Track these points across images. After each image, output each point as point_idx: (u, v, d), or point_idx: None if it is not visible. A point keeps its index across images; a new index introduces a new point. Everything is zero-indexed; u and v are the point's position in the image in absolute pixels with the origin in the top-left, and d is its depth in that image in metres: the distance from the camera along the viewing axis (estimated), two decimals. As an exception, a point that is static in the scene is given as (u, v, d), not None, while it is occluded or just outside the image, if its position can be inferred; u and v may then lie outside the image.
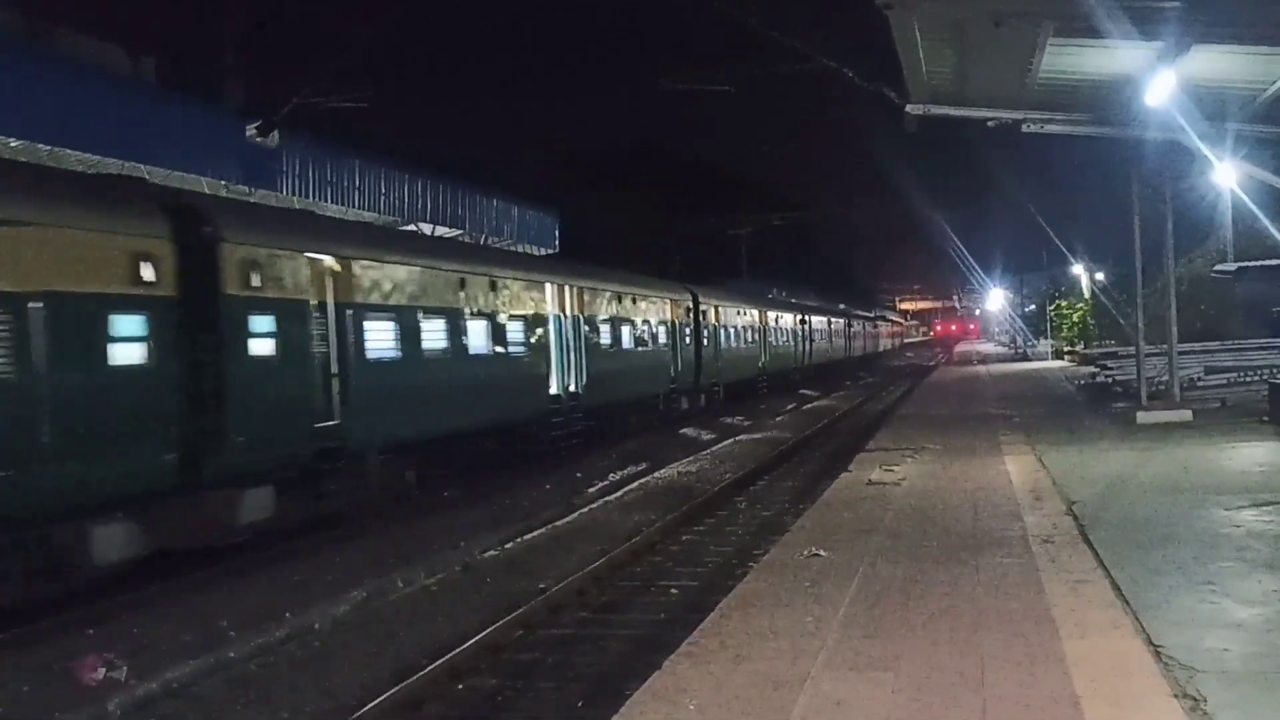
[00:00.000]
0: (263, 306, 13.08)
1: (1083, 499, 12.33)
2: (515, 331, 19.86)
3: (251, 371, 12.90)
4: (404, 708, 8.66)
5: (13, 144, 16.19)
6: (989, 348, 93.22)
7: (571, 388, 22.22)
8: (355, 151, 25.02)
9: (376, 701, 8.51)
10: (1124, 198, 22.07)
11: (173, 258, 11.80)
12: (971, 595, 8.25)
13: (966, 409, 27.46)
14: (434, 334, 17.04)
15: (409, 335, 16.24)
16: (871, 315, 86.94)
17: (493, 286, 19.08)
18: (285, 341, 13.48)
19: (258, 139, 21.27)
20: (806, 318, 49.56)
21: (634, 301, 26.22)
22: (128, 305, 11.18)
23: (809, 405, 39.63)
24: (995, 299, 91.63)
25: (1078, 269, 51.04)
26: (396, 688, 8.82)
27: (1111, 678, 6.19)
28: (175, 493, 11.87)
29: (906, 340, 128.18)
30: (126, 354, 11.25)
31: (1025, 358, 60.25)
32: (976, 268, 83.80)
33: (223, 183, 20.44)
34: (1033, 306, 75.30)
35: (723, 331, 33.68)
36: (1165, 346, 21.63)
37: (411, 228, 27.21)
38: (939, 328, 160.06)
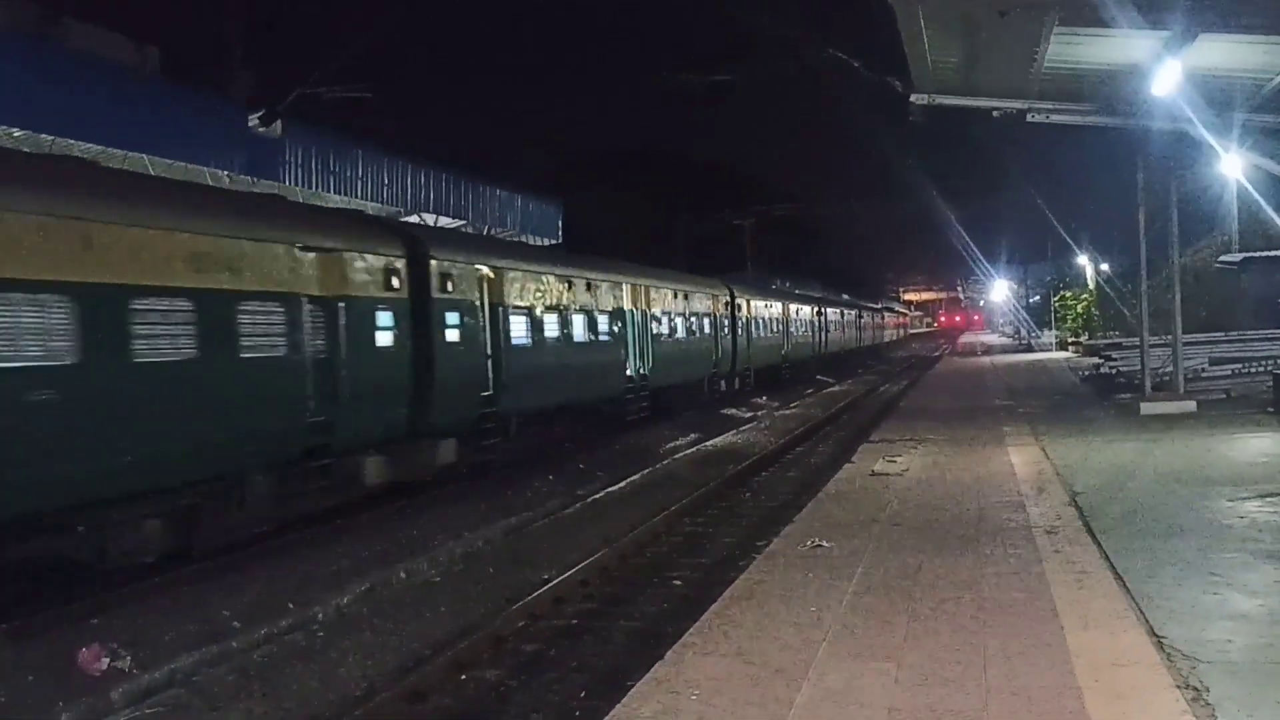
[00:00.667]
0: (453, 306, 16.88)
1: (1086, 490, 12.32)
2: (604, 324, 23.42)
3: (447, 354, 16.61)
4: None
5: (15, 134, 16.20)
6: (993, 338, 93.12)
7: (641, 371, 25.84)
8: (358, 142, 25.01)
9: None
10: (1129, 188, 21.99)
11: (405, 271, 15.61)
12: (974, 586, 8.24)
13: (970, 400, 27.44)
14: (552, 326, 20.74)
15: (536, 327, 20.01)
16: (879, 306, 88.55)
17: (588, 287, 22.71)
18: (464, 332, 17.14)
19: (261, 129, 21.27)
20: (822, 310, 52.23)
21: (686, 297, 29.63)
22: (386, 305, 15.12)
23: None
24: (999, 290, 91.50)
25: (1082, 259, 51.01)
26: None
27: (1114, 669, 6.19)
28: (403, 440, 15.66)
29: (911, 331, 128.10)
30: (384, 339, 15.02)
31: (1029, 348, 60.18)
32: (981, 258, 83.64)
33: (225, 174, 20.43)
34: (1037, 297, 75.19)
35: (753, 323, 36.79)
36: (1170, 337, 21.57)
37: (414, 218, 27.26)
38: (943, 318, 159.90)
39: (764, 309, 39.11)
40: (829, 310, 54.34)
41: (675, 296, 28.58)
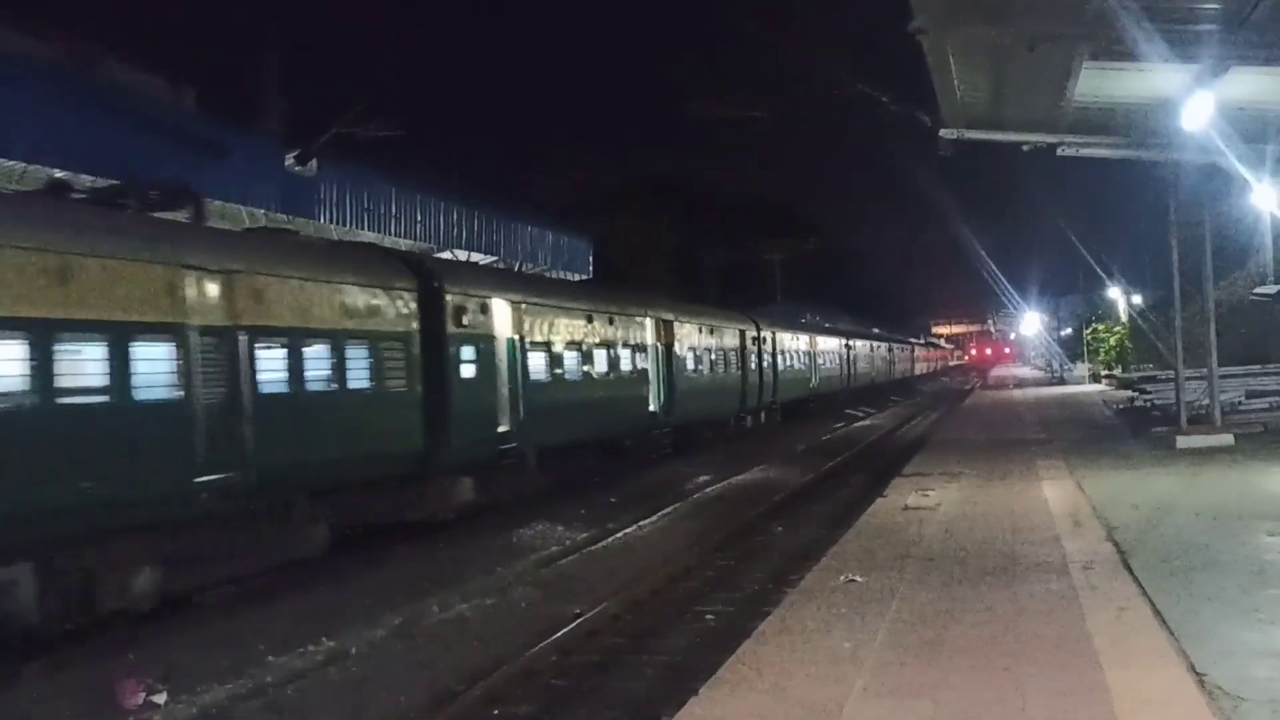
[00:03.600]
0: (468, 340, 16.69)
1: (1123, 525, 12.18)
2: (626, 358, 23.35)
3: (463, 389, 16.37)
4: None
5: (58, 174, 16.47)
6: (1025, 371, 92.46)
7: (665, 405, 25.50)
8: (391, 179, 25.28)
9: None
10: (1161, 219, 21.89)
11: (416, 303, 15.42)
12: (1011, 622, 8.16)
13: (1002, 433, 27.24)
14: (572, 360, 20.62)
15: (556, 362, 19.81)
16: (910, 340, 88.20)
17: (610, 320, 22.54)
18: (480, 366, 16.95)
19: (296, 168, 21.54)
20: (850, 343, 52.06)
21: (711, 331, 29.64)
22: (398, 339, 15.09)
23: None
24: (1031, 322, 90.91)
25: (1114, 292, 50.62)
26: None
27: (1155, 708, 6.12)
28: (411, 478, 15.36)
29: (941, 365, 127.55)
30: (396, 373, 14.97)
31: (1061, 381, 59.72)
32: (1011, 291, 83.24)
33: (262, 212, 20.68)
34: (1069, 330, 74.65)
35: (780, 356, 36.81)
36: (1205, 370, 21.37)
37: (447, 254, 27.49)
38: (974, 351, 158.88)
39: (791, 342, 39.28)
40: (857, 343, 54.17)
41: (700, 331, 28.50)
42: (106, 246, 10.65)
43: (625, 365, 23.21)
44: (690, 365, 27.39)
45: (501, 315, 17.78)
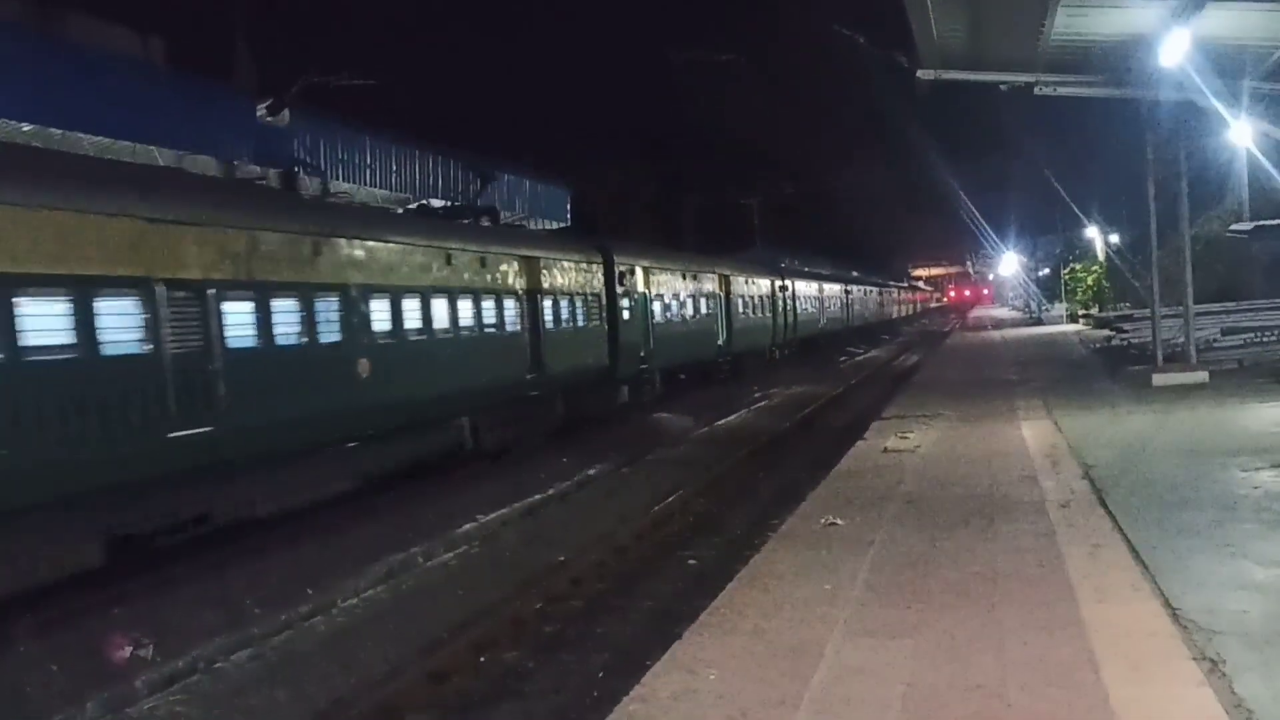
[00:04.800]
0: (625, 295, 24.79)
1: (1099, 463, 12.32)
2: (704, 305, 31.34)
3: (624, 329, 24.44)
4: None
5: (25, 129, 16.22)
6: (1003, 312, 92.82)
7: (727, 340, 33.37)
8: (366, 129, 24.99)
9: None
10: (1138, 159, 21.88)
11: (603, 272, 23.75)
12: (989, 561, 8.28)
13: (981, 374, 27.43)
14: (676, 308, 28.65)
15: (667, 309, 27.89)
16: (897, 285, 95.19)
17: (695, 277, 30.70)
18: (632, 313, 25.15)
19: (268, 118, 21.24)
20: (850, 288, 60.05)
21: (752, 284, 37.22)
22: (590, 298, 22.95)
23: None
24: (1009, 263, 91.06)
25: (1092, 232, 50.69)
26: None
27: (1130, 641, 6.23)
28: (602, 384, 23.58)
29: (921, 307, 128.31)
30: (591, 319, 22.99)
31: (1039, 322, 59.98)
32: (990, 232, 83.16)
33: (234, 163, 20.44)
34: (1046, 270, 74.83)
35: (798, 301, 44.39)
36: (1181, 308, 21.50)
37: (422, 203, 27.28)
38: (953, 293, 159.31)
39: (805, 289, 46.48)
40: (854, 288, 61.97)
41: (747, 283, 36.22)
42: (497, 248, 19.41)
43: (704, 310, 31.28)
44: (740, 309, 34.84)
45: (641, 277, 25.95)
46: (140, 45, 20.10)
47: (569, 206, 35.58)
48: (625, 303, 24.35)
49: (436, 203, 27.15)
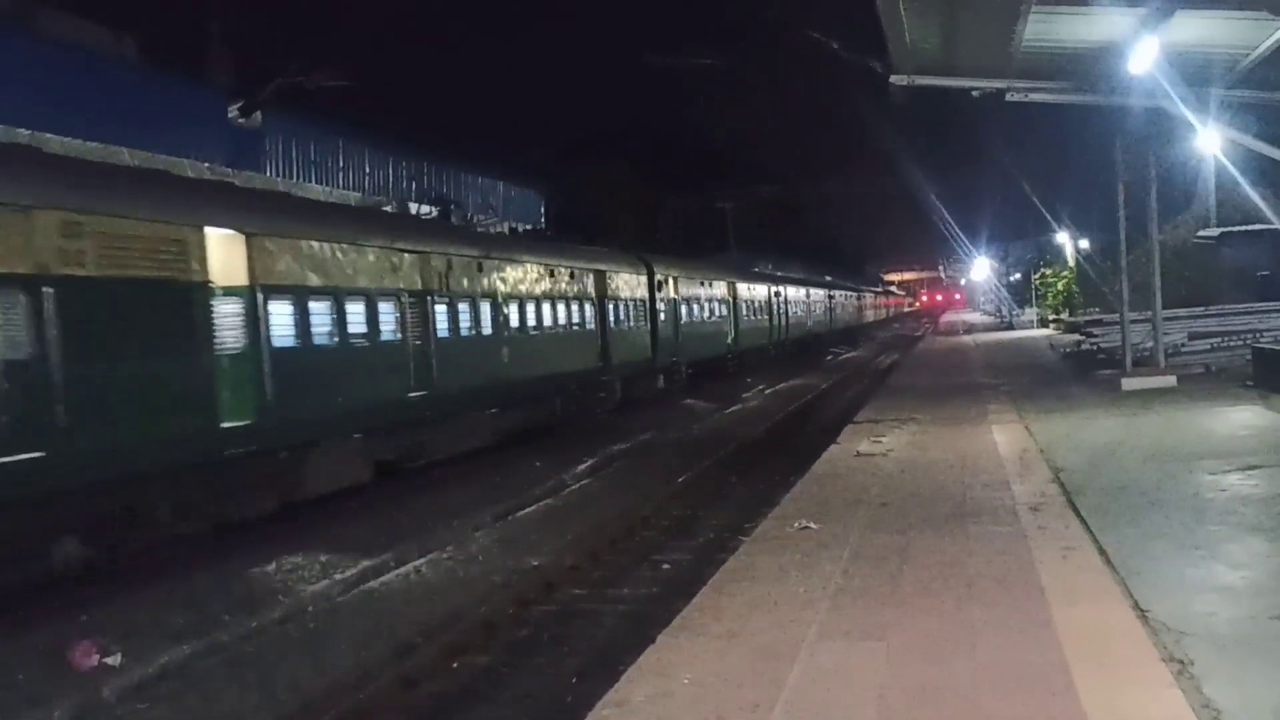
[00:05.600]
0: (666, 302, 30.00)
1: (1069, 466, 12.41)
2: (718, 308, 36.26)
3: (661, 328, 29.36)
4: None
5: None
6: (975, 317, 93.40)
7: (735, 340, 38.34)
8: (339, 131, 24.86)
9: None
10: (1108, 165, 22.09)
11: (647, 281, 28.62)
12: (961, 564, 8.32)
13: (953, 378, 27.58)
14: (698, 311, 33.71)
15: (691, 312, 32.78)
16: (873, 289, 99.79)
17: (710, 284, 35.31)
18: (667, 315, 30.11)
19: (240, 120, 21.11)
20: (832, 294, 64.72)
21: (754, 288, 42.35)
22: (638, 302, 28.06)
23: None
24: (980, 268, 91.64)
25: (1062, 237, 51.12)
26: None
27: (1101, 643, 6.26)
28: (645, 373, 28.53)
29: (894, 311, 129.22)
30: (639, 320, 27.92)
31: (1010, 326, 60.41)
32: (962, 237, 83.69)
33: (206, 165, 20.30)
34: (1018, 275, 75.36)
35: (789, 305, 48.77)
36: (1150, 313, 21.71)
37: (389, 207, 27.22)
38: (925, 297, 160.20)
39: (794, 293, 50.82)
40: (836, 294, 66.50)
41: (750, 290, 41.28)
42: (579, 262, 24.63)
43: (718, 313, 36.28)
44: (745, 313, 39.82)
45: (672, 285, 30.75)
46: (113, 42, 19.95)
47: (543, 210, 35.51)
48: (661, 306, 29.49)
49: (410, 206, 27.07)
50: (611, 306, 25.54)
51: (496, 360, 19.25)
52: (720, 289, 36.71)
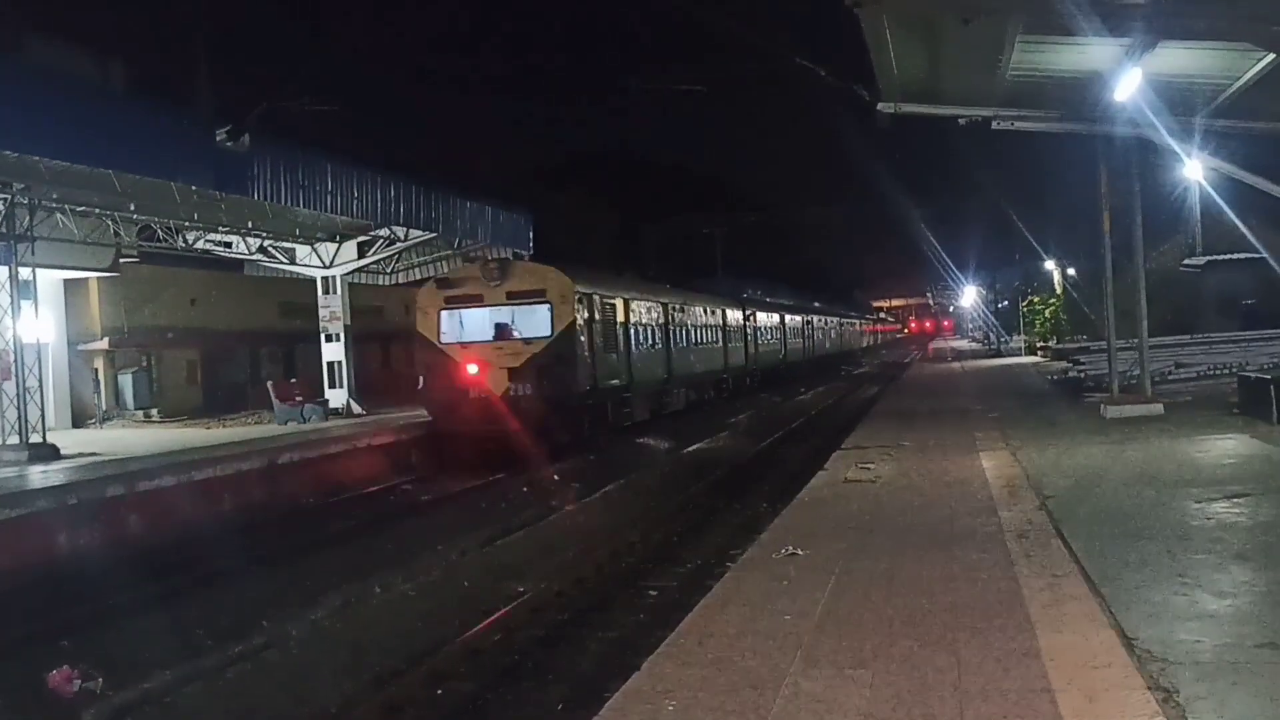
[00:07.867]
0: (754, 329, 46.46)
1: (1056, 494, 12.41)
2: (735, 333, 43.30)
3: (749, 345, 45.30)
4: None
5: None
6: (963, 344, 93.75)
7: (751, 357, 46.05)
8: (327, 155, 24.83)
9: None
10: (1094, 193, 22.21)
11: (744, 312, 45.07)
12: (948, 592, 8.29)
13: (941, 404, 27.61)
14: (757, 334, 46.56)
15: (754, 334, 45.67)
16: (859, 315, 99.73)
17: (709, 312, 39.89)
18: (750, 336, 45.26)
19: (228, 144, 21.08)
20: (809, 319, 65.70)
21: (767, 316, 50.73)
22: (744, 329, 44.87)
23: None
24: (968, 295, 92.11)
25: (1050, 265, 51.44)
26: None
27: (1087, 671, 6.24)
28: (718, 383, 40.82)
29: (883, 338, 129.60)
30: (739, 341, 44.02)
31: (999, 353, 60.65)
32: (950, 264, 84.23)
33: (194, 188, 20.27)
34: (1005, 303, 75.73)
35: (758, 332, 51.20)
36: (1136, 341, 21.79)
37: (384, 231, 27.21)
38: (913, 324, 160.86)
39: (767, 320, 53.19)
40: (815, 318, 68.11)
41: (765, 315, 49.63)
42: (714, 304, 41.32)
43: (736, 340, 43.27)
44: (761, 336, 48.17)
45: (736, 313, 43.39)
46: (98, 68, 19.97)
47: (531, 234, 35.51)
48: (748, 330, 44.46)
49: (399, 230, 27.07)
50: (749, 327, 44.49)
51: (688, 361, 34.85)
52: (736, 314, 45.18)
